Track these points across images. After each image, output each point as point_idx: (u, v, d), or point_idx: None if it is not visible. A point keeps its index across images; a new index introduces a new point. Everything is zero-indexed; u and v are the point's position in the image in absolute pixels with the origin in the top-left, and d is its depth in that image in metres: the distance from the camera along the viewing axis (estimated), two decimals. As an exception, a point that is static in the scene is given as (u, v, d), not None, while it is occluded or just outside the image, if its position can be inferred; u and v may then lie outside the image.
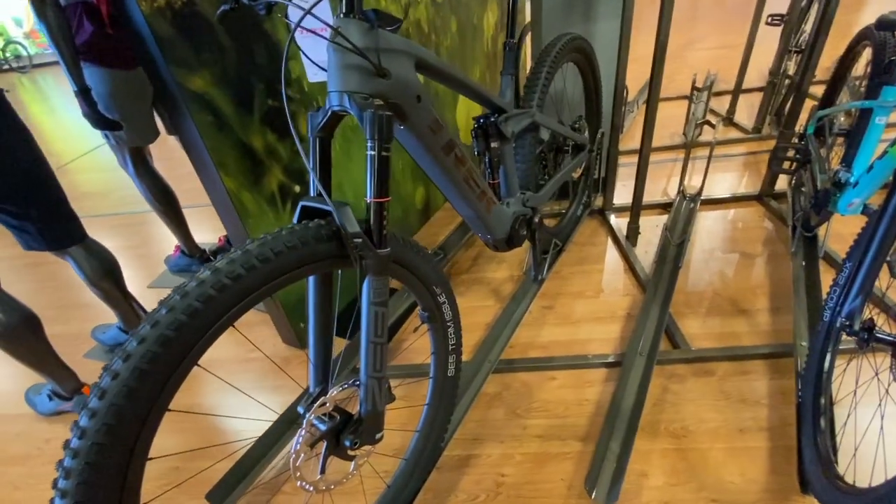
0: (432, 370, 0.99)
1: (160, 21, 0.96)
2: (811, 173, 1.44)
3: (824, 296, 1.34)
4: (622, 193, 2.02)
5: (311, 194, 0.72)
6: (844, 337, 0.95)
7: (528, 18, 1.73)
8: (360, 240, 0.65)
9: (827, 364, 1.03)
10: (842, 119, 1.53)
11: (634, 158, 1.65)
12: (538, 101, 1.23)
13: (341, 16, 0.64)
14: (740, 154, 2.31)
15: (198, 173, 1.17)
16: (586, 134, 1.60)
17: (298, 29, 0.59)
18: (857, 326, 0.88)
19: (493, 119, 1.06)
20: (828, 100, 1.66)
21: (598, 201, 1.97)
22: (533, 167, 1.28)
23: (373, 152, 0.64)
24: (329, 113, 0.69)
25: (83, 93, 1.36)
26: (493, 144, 1.09)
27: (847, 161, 1.26)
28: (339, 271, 0.72)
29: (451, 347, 0.98)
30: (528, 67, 1.36)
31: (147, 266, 2.20)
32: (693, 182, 2.03)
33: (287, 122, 1.28)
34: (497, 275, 1.72)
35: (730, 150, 2.34)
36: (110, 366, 0.51)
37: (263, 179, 1.25)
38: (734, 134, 2.47)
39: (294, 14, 0.88)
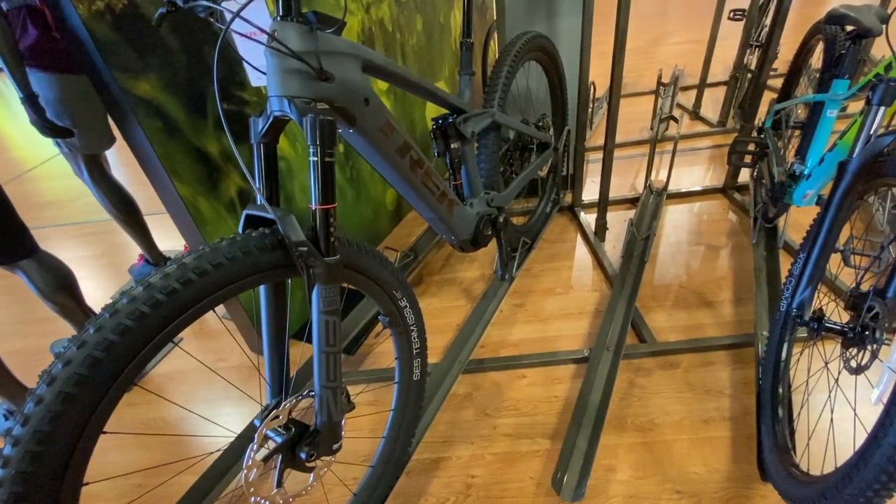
0: (397, 375, 0.98)
1: (100, 25, 0.92)
2: (769, 166, 1.47)
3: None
4: (591, 189, 2.03)
5: (259, 202, 0.70)
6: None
7: (494, 17, 1.73)
8: (305, 248, 0.64)
9: (784, 353, 1.05)
10: (798, 112, 1.57)
11: (601, 154, 1.66)
12: (499, 101, 1.23)
13: (278, 19, 0.63)
14: (706, 147, 2.36)
15: (150, 181, 1.14)
16: (551, 132, 1.61)
17: (240, 32, 0.57)
18: (807, 316, 0.90)
19: (451, 120, 1.05)
20: (785, 93, 1.70)
21: (568, 198, 1.98)
22: (497, 166, 1.27)
23: (315, 158, 0.63)
24: (271, 118, 0.67)
25: (29, 99, 1.31)
26: (454, 145, 1.09)
27: (801, 154, 1.29)
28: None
29: (415, 351, 0.97)
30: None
31: (112, 276, 2.13)
32: (660, 177, 2.07)
33: (244, 126, 1.25)
34: (469, 274, 1.72)
35: (695, 144, 2.38)
36: (35, 390, 0.49)
37: (221, 185, 1.22)
38: (700, 128, 2.52)
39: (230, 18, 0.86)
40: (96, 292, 2.02)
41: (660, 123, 1.88)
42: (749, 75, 2.35)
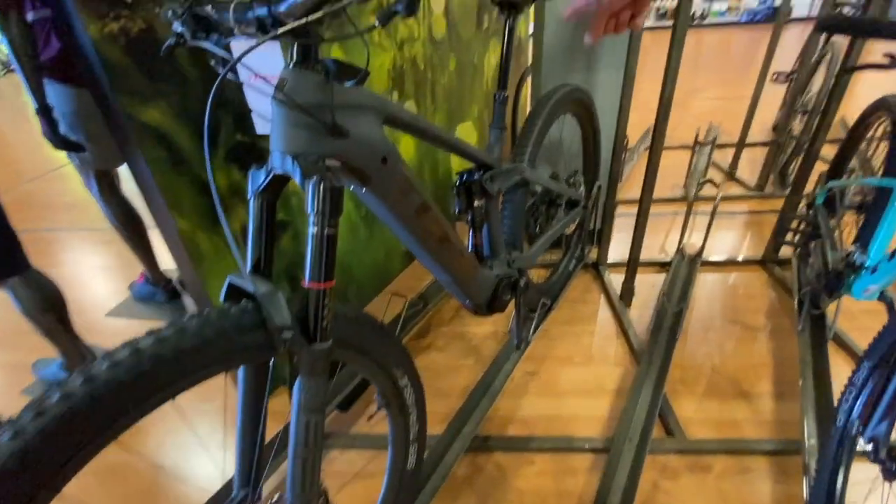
0: (389, 461, 0.86)
1: (111, 48, 0.86)
2: (821, 248, 1.34)
3: (834, 386, 1.23)
4: (618, 246, 1.91)
5: (248, 268, 0.60)
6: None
7: (529, 61, 1.66)
8: (290, 334, 0.53)
9: (840, 481, 0.89)
10: (854, 192, 1.44)
11: (631, 209, 1.55)
12: (530, 156, 1.13)
13: (290, 66, 0.54)
14: (742, 212, 2.22)
15: (149, 212, 1.06)
16: (582, 188, 1.51)
17: (247, 73, 0.49)
18: (882, 453, 0.76)
19: (477, 176, 0.96)
20: (837, 168, 1.58)
21: (593, 254, 1.86)
22: (522, 224, 1.17)
23: (314, 229, 0.53)
24: (271, 175, 0.58)
25: (43, 111, 1.27)
26: (478, 203, 0.99)
27: (863, 241, 1.15)
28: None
29: (412, 437, 0.84)
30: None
31: (112, 290, 2.06)
32: (692, 240, 1.94)
33: (256, 155, 1.18)
34: (480, 329, 1.59)
35: (731, 208, 2.25)
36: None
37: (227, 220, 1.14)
38: (736, 190, 2.40)
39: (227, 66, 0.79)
40: (94, 306, 1.94)
41: (697, 185, 1.77)
42: (792, 140, 2.23)
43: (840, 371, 1.29)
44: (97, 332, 1.78)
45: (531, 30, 1.86)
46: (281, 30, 0.46)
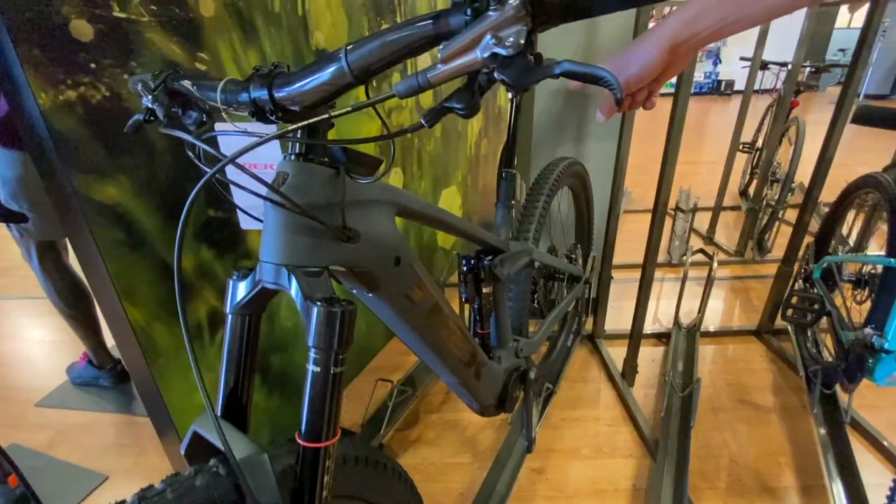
0: None
1: (65, 118, 0.73)
2: (830, 325, 1.29)
3: (862, 475, 1.14)
4: (612, 315, 1.83)
5: (220, 409, 0.46)
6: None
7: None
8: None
9: None
10: (849, 265, 1.43)
11: (619, 274, 1.49)
12: (535, 234, 1.05)
13: (291, 157, 0.43)
14: (726, 278, 2.22)
15: (97, 300, 0.89)
16: (580, 261, 1.44)
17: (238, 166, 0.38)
18: None
19: (486, 262, 0.86)
20: (823, 240, 1.59)
21: (588, 324, 1.77)
22: (528, 308, 1.07)
23: (316, 368, 0.40)
24: (258, 288, 0.45)
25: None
26: (486, 290, 0.88)
27: (876, 322, 1.11)
28: None
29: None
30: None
31: (46, 372, 1.79)
32: (680, 307, 1.88)
33: (233, 231, 1.05)
34: (475, 416, 1.43)
35: (717, 274, 2.25)
36: None
37: (189, 306, 0.98)
38: (719, 255, 2.41)
39: (228, 143, 0.69)
40: (23, 394, 1.66)
41: (688, 254, 1.74)
42: (768, 208, 2.30)
43: (862, 458, 1.20)
44: (24, 426, 1.52)
45: (510, 95, 1.87)
46: (292, 126, 0.35)
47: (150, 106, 0.50)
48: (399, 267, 0.55)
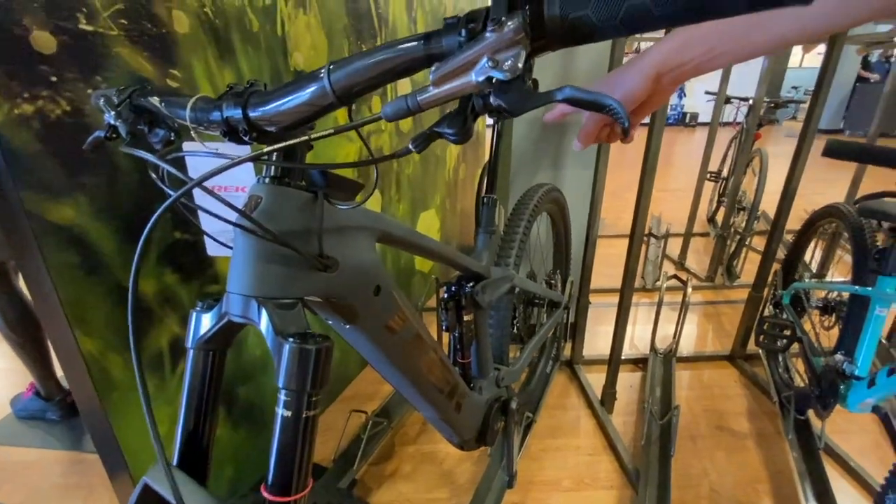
0: None
1: (20, 133, 0.68)
2: (801, 351, 1.32)
3: (839, 501, 1.14)
4: (589, 340, 1.83)
5: (175, 459, 0.41)
6: None
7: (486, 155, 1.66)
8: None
9: None
10: (816, 291, 1.48)
11: (597, 299, 1.50)
12: (516, 260, 1.04)
13: (265, 181, 0.40)
14: (699, 303, 2.26)
15: (45, 327, 0.82)
16: (559, 288, 1.44)
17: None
18: None
19: (468, 289, 0.83)
20: (789, 266, 1.64)
21: (566, 350, 1.76)
22: (509, 335, 1.05)
23: (286, 412, 0.36)
24: (224, 322, 0.42)
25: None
26: (467, 317, 0.85)
27: (846, 349, 1.14)
28: None
29: None
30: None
31: (-15, 405, 1.64)
32: (654, 331, 1.90)
33: (200, 255, 0.99)
34: (453, 448, 1.38)
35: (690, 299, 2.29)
36: None
37: (149, 335, 0.91)
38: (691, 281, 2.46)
39: (196, 164, 0.65)
40: (-46, 430, 1.51)
41: (663, 279, 1.76)
42: (737, 235, 2.37)
43: (837, 485, 1.21)
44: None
45: (488, 121, 1.89)
46: (267, 148, 0.33)
47: (112, 122, 0.46)
48: (378, 296, 0.52)
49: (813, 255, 1.87)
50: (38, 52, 0.69)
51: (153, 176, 0.40)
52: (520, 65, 0.25)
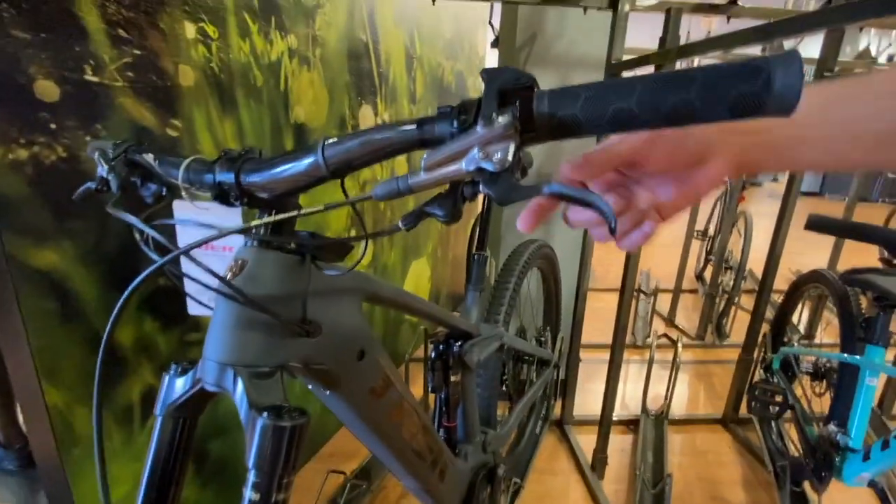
0: None
1: (12, 178, 0.68)
2: (794, 418, 1.29)
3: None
4: (579, 398, 1.78)
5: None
6: None
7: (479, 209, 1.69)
8: None
9: None
10: (806, 357, 1.47)
11: (587, 355, 1.47)
12: (505, 317, 1.03)
13: (253, 244, 0.40)
14: (689, 361, 2.24)
15: (11, 375, 0.78)
16: (549, 344, 1.42)
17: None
18: None
19: (456, 348, 0.81)
20: (778, 330, 1.65)
21: (556, 409, 1.71)
22: (497, 396, 1.02)
23: (254, 496, 0.34)
24: (197, 388, 0.40)
25: None
26: (454, 378, 0.83)
27: (839, 419, 1.12)
28: None
29: None
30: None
31: (-64, 452, 1.52)
32: (647, 391, 1.86)
33: (183, 302, 0.97)
34: (435, 514, 1.30)
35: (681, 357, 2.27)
36: None
37: (120, 386, 0.87)
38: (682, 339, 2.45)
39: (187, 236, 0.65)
40: None
41: (655, 339, 1.75)
42: (725, 294, 2.39)
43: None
44: None
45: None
46: (256, 222, 0.33)
47: (104, 176, 0.46)
48: (363, 361, 0.50)
49: (800, 316, 1.88)
50: (40, 100, 0.70)
51: (137, 238, 0.39)
52: (509, 157, 0.26)
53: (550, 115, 0.25)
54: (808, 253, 1.73)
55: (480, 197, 1.04)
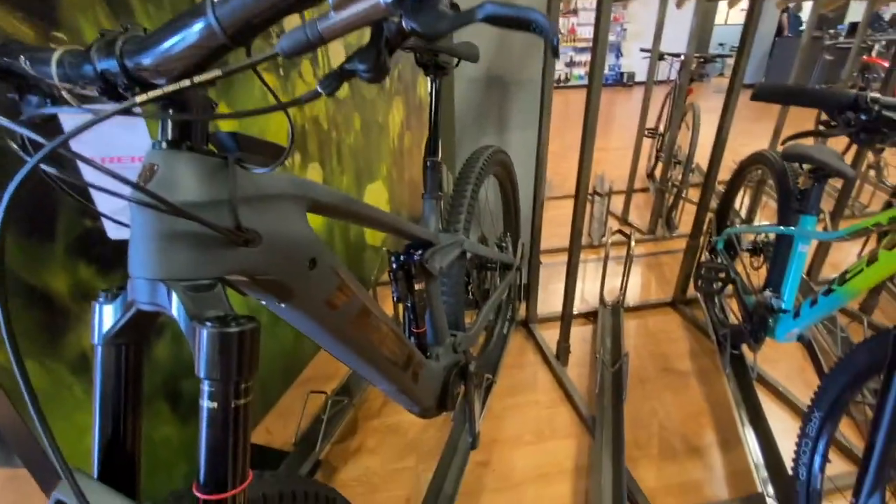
0: None
1: None
2: (735, 292, 1.41)
3: (770, 423, 1.25)
4: (541, 298, 1.87)
5: (95, 471, 0.37)
6: None
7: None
8: None
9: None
10: (747, 235, 1.57)
11: (547, 259, 1.53)
12: (465, 224, 1.02)
13: (162, 146, 0.35)
14: (642, 255, 2.37)
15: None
16: (510, 250, 1.44)
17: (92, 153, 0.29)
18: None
19: (417, 256, 0.81)
20: (722, 214, 1.74)
21: (521, 311, 1.79)
22: (463, 301, 1.04)
23: (211, 404, 0.33)
24: (132, 312, 0.37)
25: None
26: (418, 286, 0.83)
27: (773, 286, 1.22)
28: None
29: None
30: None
31: None
32: (603, 286, 1.98)
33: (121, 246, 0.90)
34: (416, 418, 1.39)
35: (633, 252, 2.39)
36: None
37: (68, 336, 0.83)
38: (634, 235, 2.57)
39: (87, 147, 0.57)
40: None
41: (608, 234, 1.82)
42: (674, 189, 2.48)
43: (769, 408, 1.33)
44: None
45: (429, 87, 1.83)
46: (142, 97, 0.27)
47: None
48: (315, 270, 0.48)
49: (742, 202, 1.98)
50: None
51: (13, 146, 0.33)
52: (433, -19, 0.22)
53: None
54: (751, 144, 1.80)
55: (428, 106, 0.96)
